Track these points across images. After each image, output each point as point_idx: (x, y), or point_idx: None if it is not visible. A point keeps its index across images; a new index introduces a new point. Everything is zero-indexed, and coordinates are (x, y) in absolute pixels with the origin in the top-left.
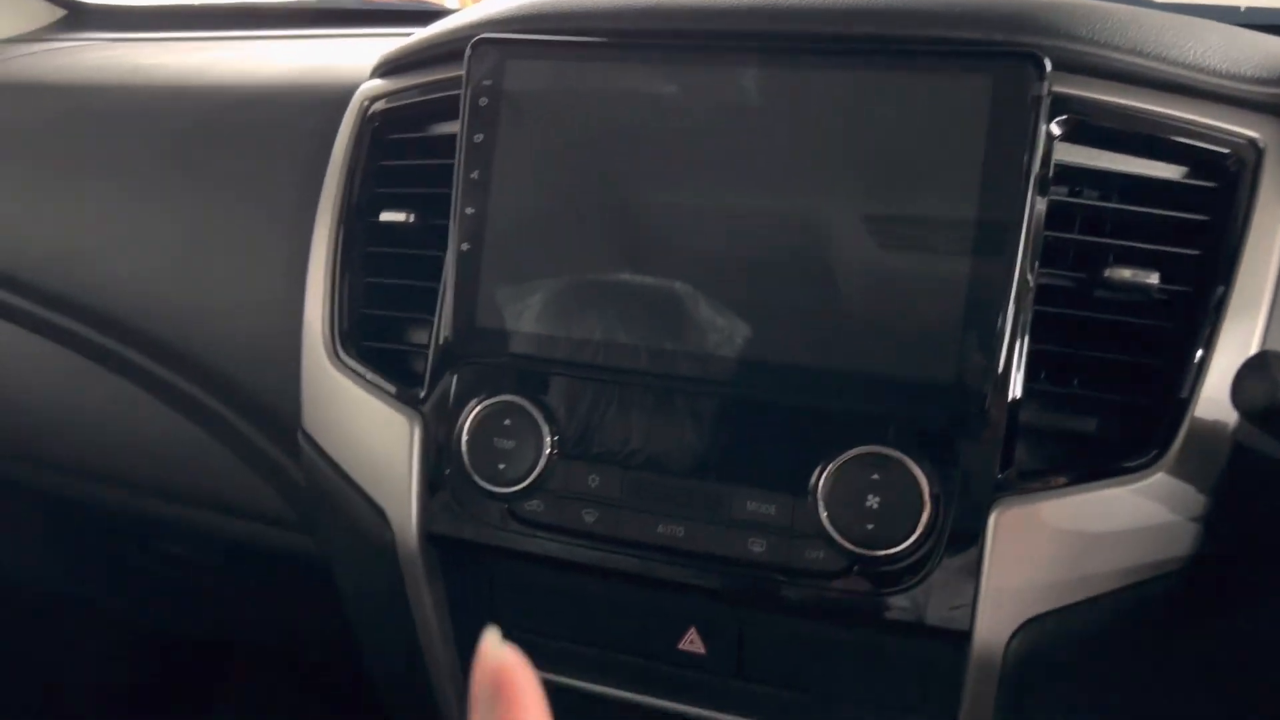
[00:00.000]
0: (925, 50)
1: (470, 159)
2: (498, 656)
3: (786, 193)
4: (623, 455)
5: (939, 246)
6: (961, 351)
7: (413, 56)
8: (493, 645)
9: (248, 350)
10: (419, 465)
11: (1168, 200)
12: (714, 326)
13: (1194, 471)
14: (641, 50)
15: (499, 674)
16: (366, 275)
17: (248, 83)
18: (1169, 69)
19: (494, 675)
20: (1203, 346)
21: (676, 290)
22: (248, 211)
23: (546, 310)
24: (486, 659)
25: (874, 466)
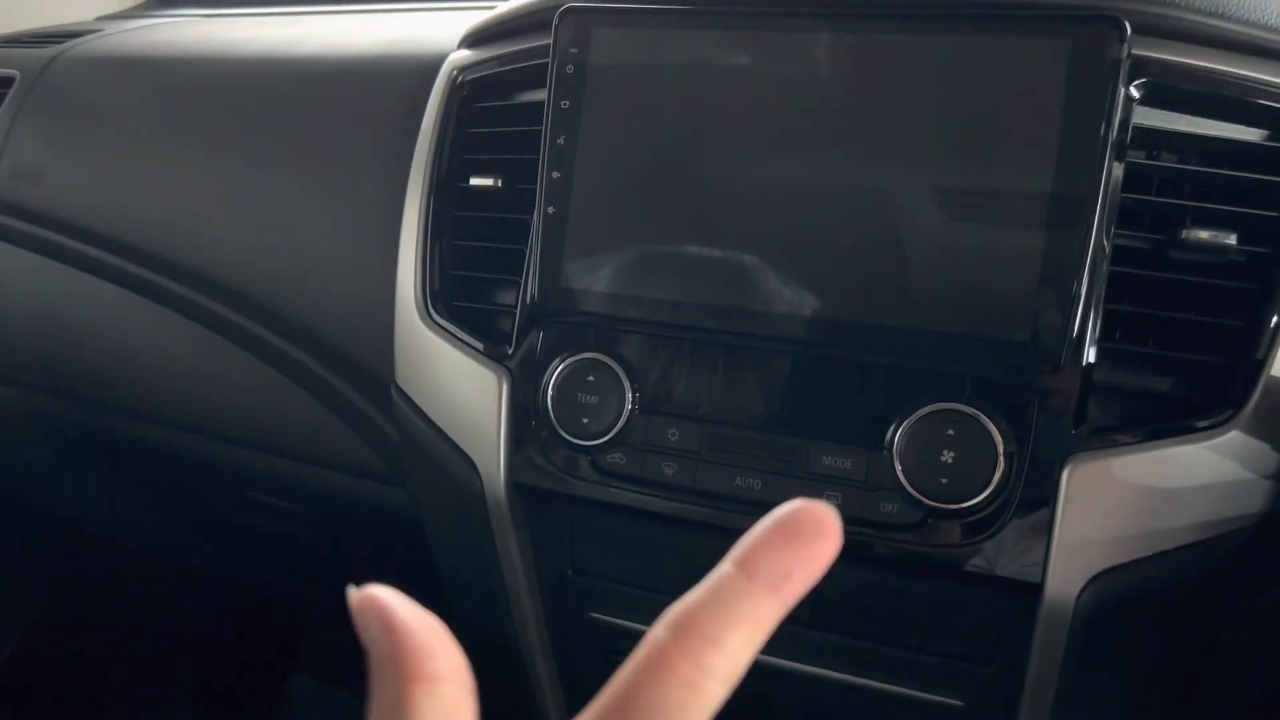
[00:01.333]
0: (1003, 14)
1: (556, 125)
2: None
3: (865, 158)
4: (702, 411)
5: (1016, 209)
6: (1037, 311)
7: (500, 27)
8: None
9: (342, 310)
10: (506, 418)
11: (1246, 162)
12: (792, 288)
13: (1268, 430)
14: (724, 17)
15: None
16: (456, 238)
17: (338, 55)
18: (1249, 30)
19: (379, 613)
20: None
21: (756, 253)
22: (341, 178)
23: (629, 271)
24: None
25: (949, 423)
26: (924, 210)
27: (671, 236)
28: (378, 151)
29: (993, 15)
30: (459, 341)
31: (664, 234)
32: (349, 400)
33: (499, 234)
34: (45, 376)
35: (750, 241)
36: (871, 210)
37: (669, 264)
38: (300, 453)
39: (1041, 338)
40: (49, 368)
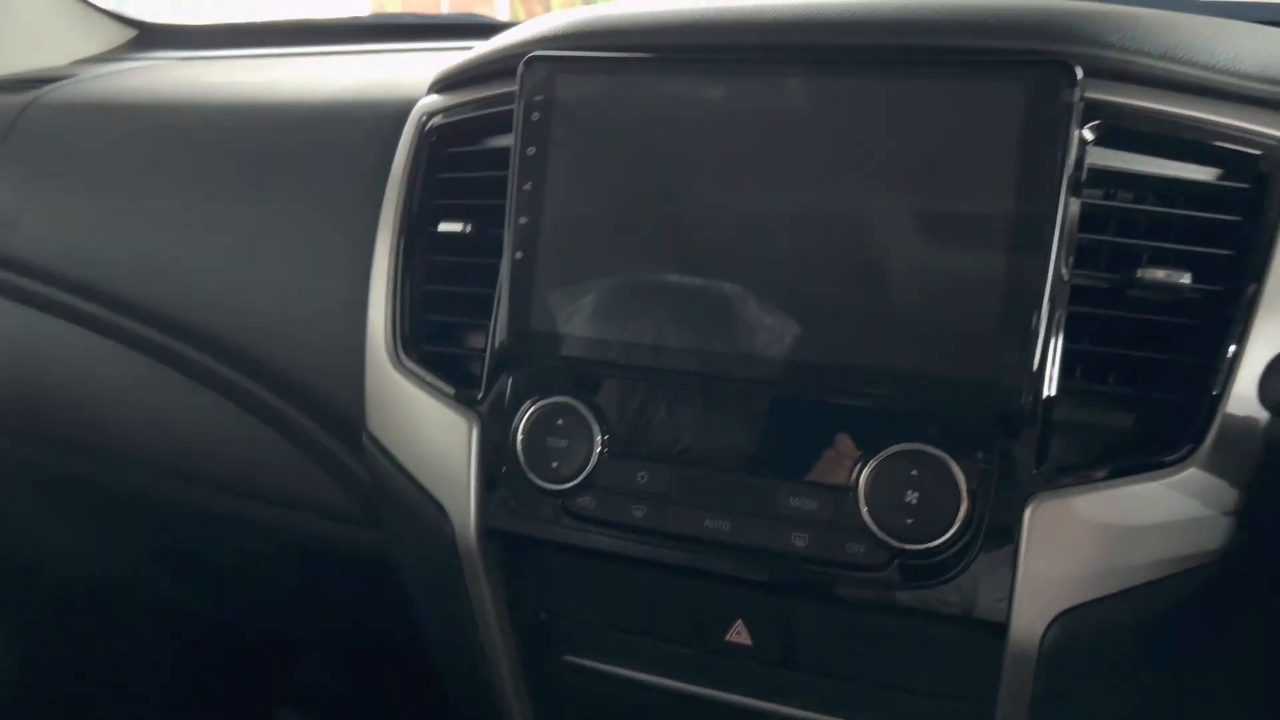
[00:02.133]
0: (959, 60)
1: (523, 171)
2: None
3: (828, 199)
4: (670, 453)
5: (976, 250)
6: (998, 350)
7: (468, 73)
8: None
9: (314, 354)
10: (477, 463)
11: (1200, 202)
12: (757, 328)
13: (1226, 466)
14: (687, 65)
15: None
16: (426, 283)
17: (310, 99)
18: (1200, 73)
19: None
20: (1234, 344)
21: (721, 294)
22: (313, 223)
23: (596, 314)
24: None
25: (913, 463)
26: (886, 251)
27: (638, 280)
28: (349, 196)
29: (949, 62)
30: (429, 386)
31: (630, 278)
32: (322, 444)
33: (469, 278)
34: (18, 420)
35: (715, 284)
36: (835, 252)
37: (636, 307)
38: (275, 496)
39: (1002, 377)
40: (23, 412)
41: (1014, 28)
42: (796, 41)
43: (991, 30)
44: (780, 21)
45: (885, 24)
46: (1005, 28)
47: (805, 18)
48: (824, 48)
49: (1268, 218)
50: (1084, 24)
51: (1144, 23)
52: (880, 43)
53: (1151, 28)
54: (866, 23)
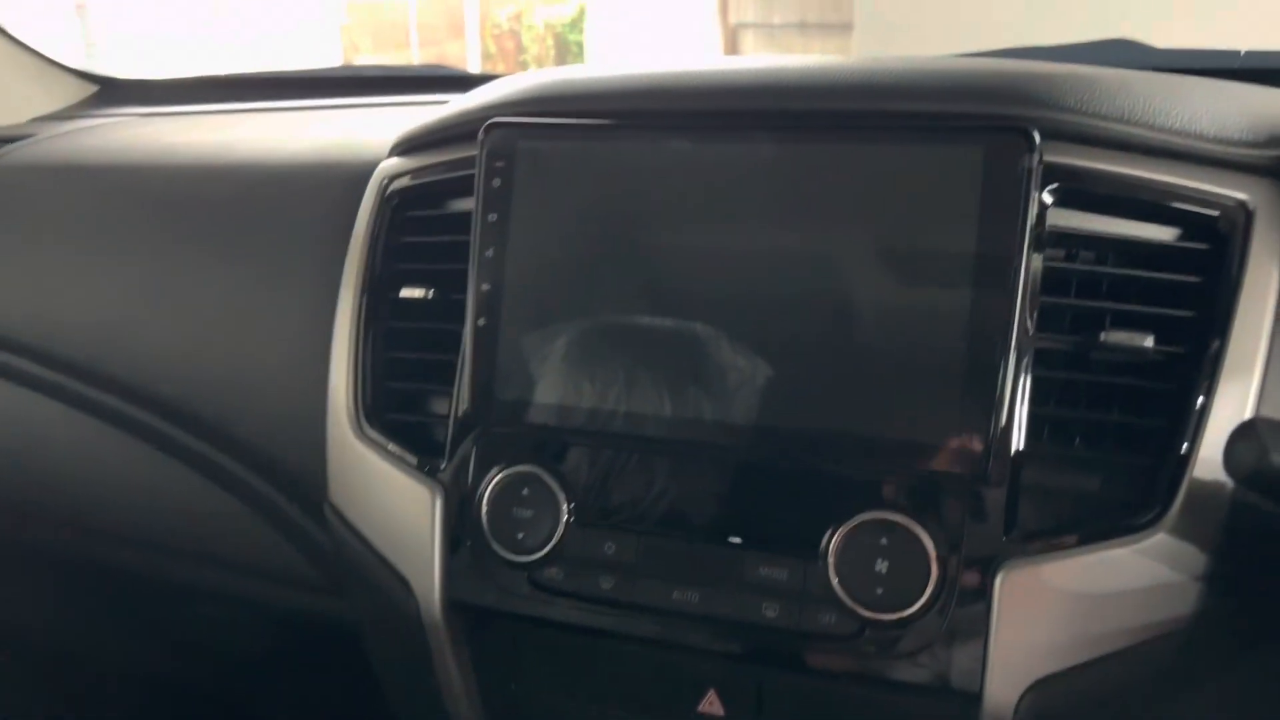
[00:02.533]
0: (918, 126)
1: (484, 238)
2: None
3: (792, 266)
4: (637, 522)
5: (938, 314)
6: (964, 415)
7: (430, 136)
8: None
9: (275, 422)
10: (440, 535)
11: (1161, 263)
12: (723, 394)
13: (1195, 530)
14: (648, 130)
15: None
16: (388, 349)
17: (271, 160)
18: (1156, 135)
19: None
20: (1199, 406)
21: (685, 358)
22: (274, 287)
23: (560, 382)
24: None
25: (882, 531)
26: (850, 319)
27: (601, 347)
28: (310, 260)
29: (910, 128)
30: (391, 456)
31: (594, 345)
32: (284, 513)
33: (432, 345)
34: None
35: (681, 351)
36: (800, 319)
37: (600, 374)
38: (239, 564)
39: (968, 442)
40: None
41: (972, 92)
42: (759, 107)
43: (950, 95)
44: (743, 87)
45: (846, 89)
46: (964, 92)
47: (768, 83)
48: (787, 113)
49: (1228, 278)
50: (1042, 88)
51: (1100, 85)
52: (841, 108)
53: (1108, 89)
54: (828, 88)
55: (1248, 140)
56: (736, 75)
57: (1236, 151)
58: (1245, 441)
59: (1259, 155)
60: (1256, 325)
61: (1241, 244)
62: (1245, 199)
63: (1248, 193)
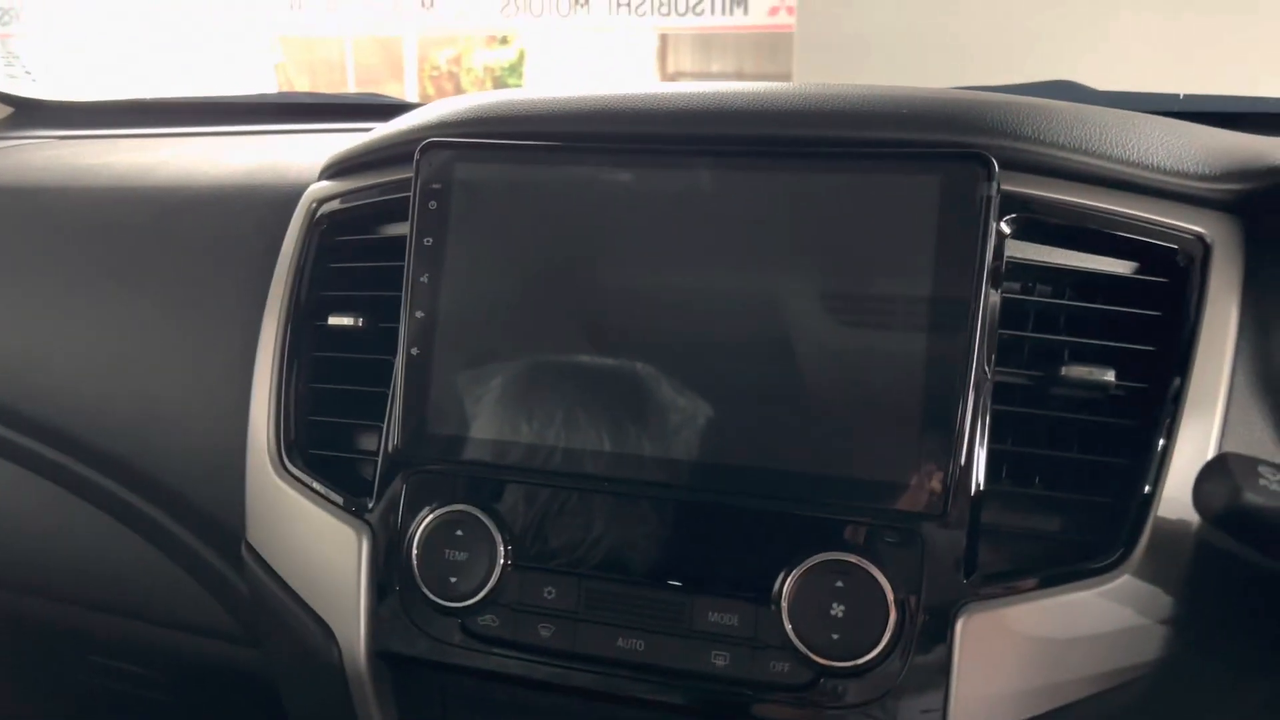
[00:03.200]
0: (874, 152)
1: (419, 262)
2: None
3: (739, 295)
4: (579, 564)
5: (894, 348)
6: (921, 453)
7: (361, 158)
8: None
9: (192, 459)
10: (367, 579)
11: (1120, 296)
12: (668, 429)
13: (1160, 572)
14: (593, 154)
15: None
16: (314, 381)
17: (194, 184)
18: (1114, 166)
19: None
20: (1162, 443)
21: (629, 393)
22: (192, 316)
23: (497, 415)
24: None
25: (837, 573)
26: (803, 351)
27: (541, 379)
28: (232, 287)
29: (864, 154)
30: (315, 494)
31: (533, 377)
32: (199, 557)
33: (360, 376)
34: None
35: (623, 383)
36: (748, 350)
37: (539, 408)
38: (147, 613)
39: (926, 480)
40: None
41: (930, 120)
42: (709, 132)
43: (906, 122)
44: (693, 111)
45: (799, 115)
46: (921, 120)
47: (718, 107)
48: (738, 138)
49: (1187, 313)
50: (999, 116)
51: (1057, 116)
52: (793, 134)
53: (1065, 120)
54: (780, 113)
55: (1204, 174)
56: (686, 99)
57: (1193, 185)
58: (1216, 479)
59: (1216, 189)
60: (1218, 360)
61: (1200, 278)
62: (1203, 232)
63: (1205, 226)
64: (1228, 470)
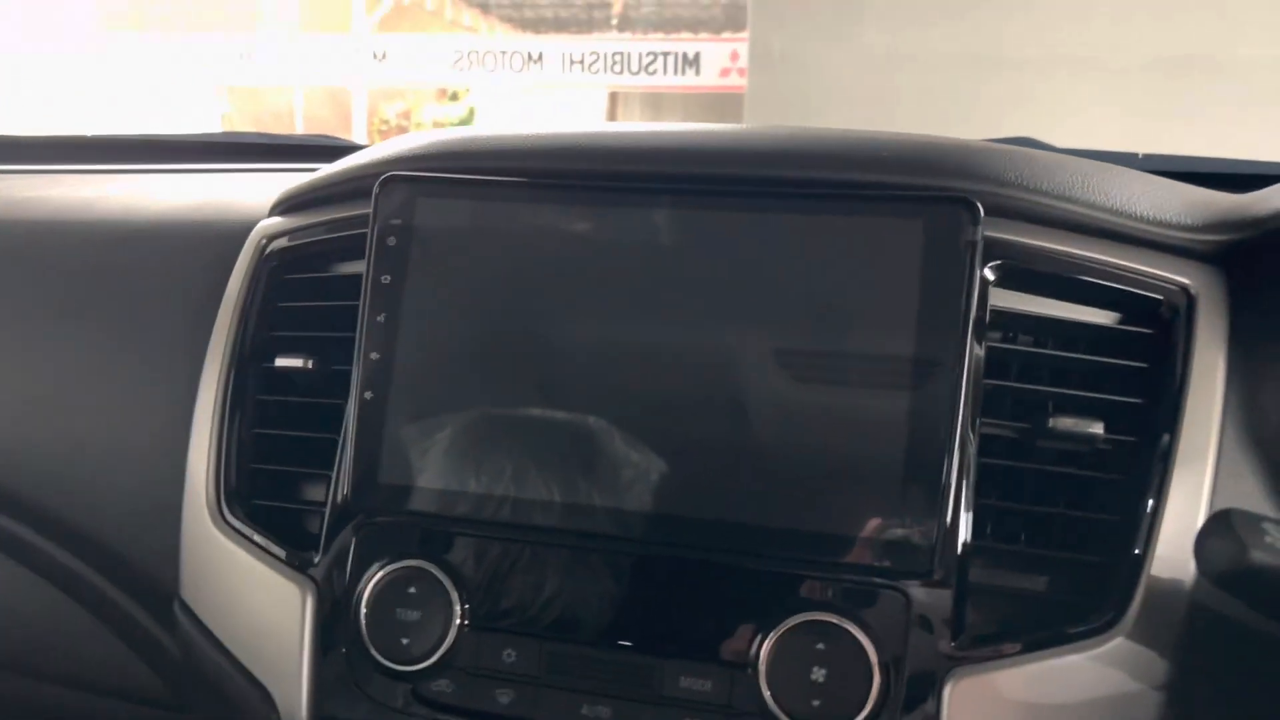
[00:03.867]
0: (855, 195)
1: (376, 300)
2: None
3: (712, 340)
4: (541, 625)
5: (877, 397)
6: (905, 507)
7: (316, 193)
8: None
9: (124, 510)
10: (311, 639)
11: (1105, 347)
12: (639, 481)
13: (1154, 635)
14: (560, 191)
15: None
16: (258, 426)
17: (136, 218)
18: (1098, 214)
19: None
20: (1153, 499)
21: (597, 443)
22: (130, 357)
23: (456, 464)
24: None
25: (818, 635)
26: (779, 399)
27: (499, 427)
28: (173, 326)
29: (845, 196)
30: (256, 547)
31: (491, 424)
32: (126, 614)
33: (307, 421)
34: None
35: (589, 432)
36: (722, 398)
37: (500, 457)
38: (67, 676)
39: (911, 537)
40: None
41: (911, 164)
42: (684, 171)
43: (889, 165)
44: (668, 150)
45: (776, 156)
46: (902, 163)
47: (695, 147)
48: (715, 179)
49: (1175, 365)
50: (982, 161)
51: (1039, 162)
52: (771, 175)
53: (1047, 167)
54: (758, 154)
55: (1186, 225)
56: (660, 137)
57: (1177, 235)
58: (1220, 536)
59: (1199, 240)
60: (1207, 414)
61: (1186, 329)
62: (1188, 283)
63: (1189, 277)
64: (1232, 527)
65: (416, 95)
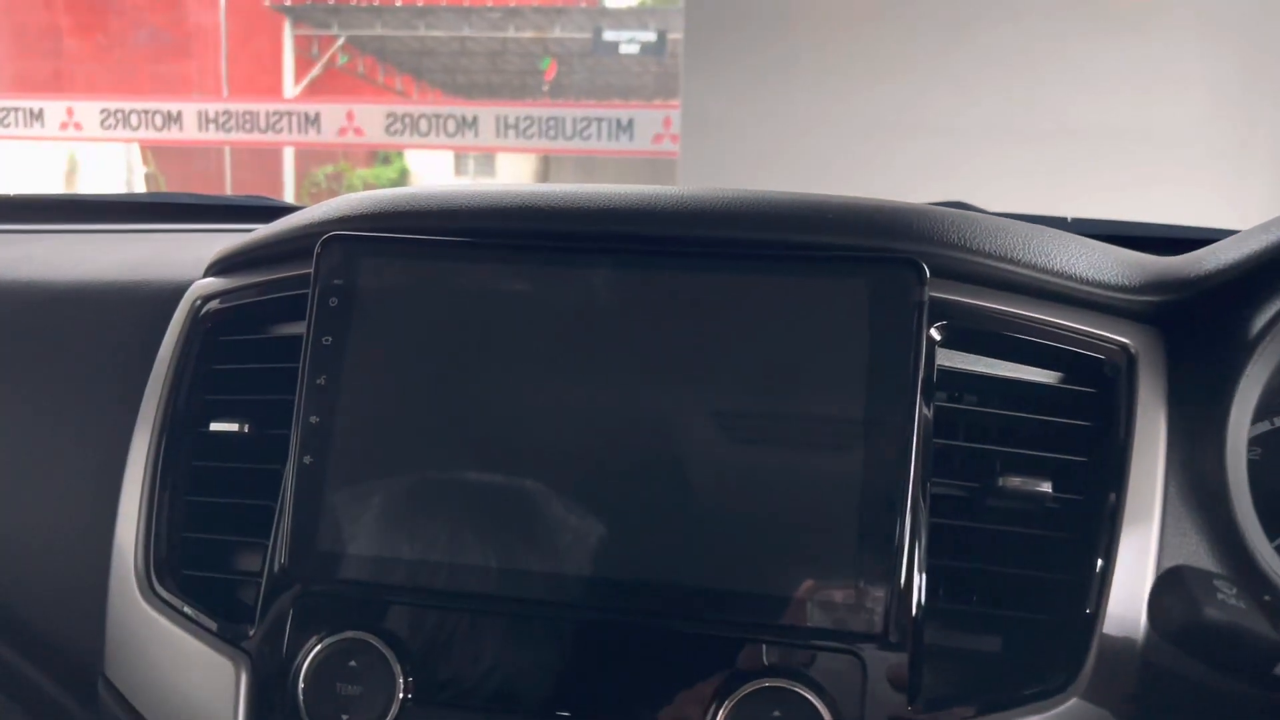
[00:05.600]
0: (801, 256)
1: (317, 362)
2: None
3: (657, 403)
4: (486, 697)
5: (826, 459)
6: (859, 570)
7: (253, 253)
8: None
9: (43, 582)
10: (245, 716)
11: (1049, 406)
12: (582, 546)
13: (1107, 694)
14: (504, 250)
15: None
16: (191, 493)
17: (63, 279)
18: (1039, 275)
19: None
20: (1103, 557)
21: (545, 509)
22: (53, 421)
23: (395, 530)
24: None
25: (773, 702)
26: (728, 461)
27: (443, 490)
28: (101, 390)
29: (790, 257)
30: (186, 620)
31: (435, 487)
32: (43, 692)
33: (243, 488)
34: None
35: (539, 503)
36: (669, 463)
37: (445, 525)
38: None
39: (864, 599)
40: None
41: (856, 225)
42: (631, 231)
43: (834, 227)
44: (613, 209)
45: (721, 217)
46: (848, 225)
47: (641, 207)
48: (661, 240)
49: (1118, 423)
50: (925, 223)
51: (981, 225)
52: (716, 236)
53: (988, 230)
54: (703, 215)
55: (1123, 285)
56: (607, 197)
57: (1115, 296)
58: (1173, 594)
59: (1136, 300)
60: (1150, 472)
61: (1127, 388)
62: (1127, 342)
63: (1129, 337)
64: (1184, 585)
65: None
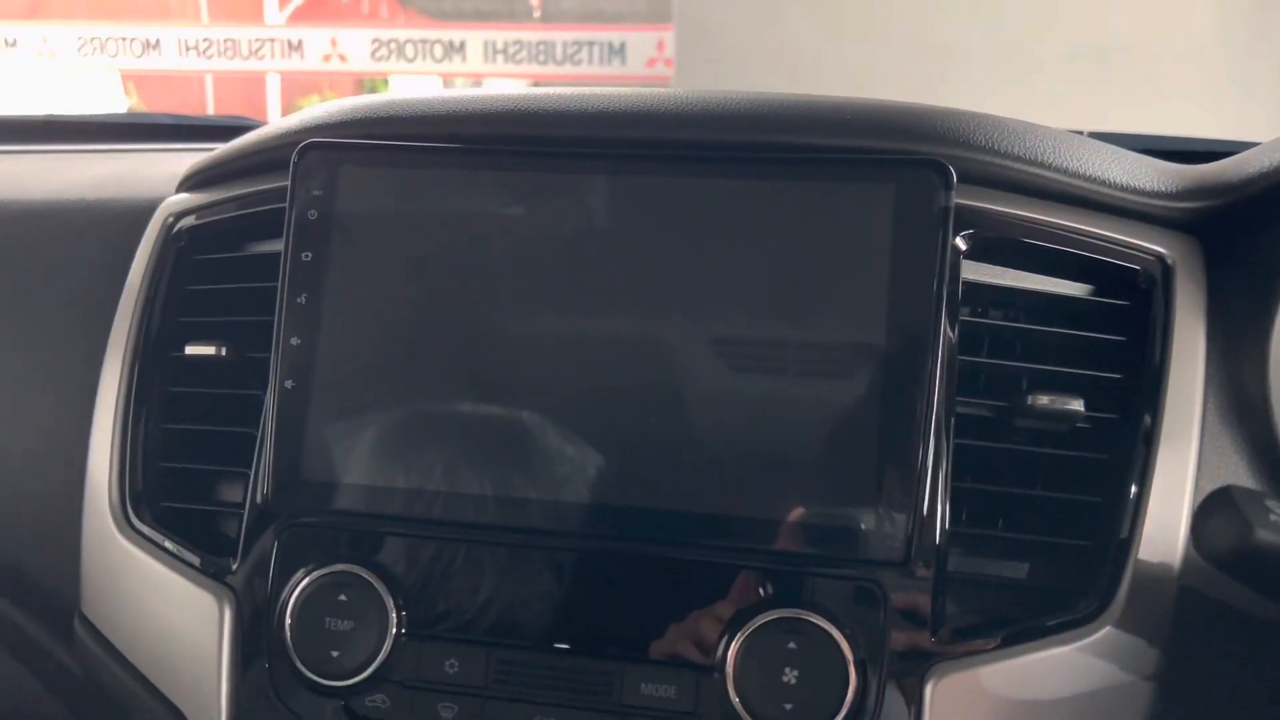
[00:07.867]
0: (817, 159)
1: (296, 281)
2: None
3: (663, 322)
4: (487, 631)
5: (845, 376)
6: (879, 495)
7: (227, 166)
8: None
9: (16, 520)
10: (229, 654)
11: (1080, 320)
12: (586, 470)
13: (1142, 623)
14: (494, 156)
15: None
16: (167, 421)
17: (27, 198)
18: (1070, 181)
19: None
20: (1138, 479)
21: (540, 431)
22: (22, 348)
23: (387, 458)
24: None
25: (790, 633)
26: (739, 382)
27: (432, 416)
28: (71, 315)
29: (809, 160)
30: (166, 553)
31: (423, 414)
32: (22, 631)
33: (222, 414)
34: None
35: (534, 421)
36: (677, 380)
37: (435, 447)
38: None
39: (884, 525)
40: None
41: (878, 127)
42: (636, 136)
43: (855, 129)
44: (615, 113)
45: (734, 120)
46: (869, 126)
47: (645, 111)
48: (668, 143)
49: (1154, 338)
50: (951, 124)
51: (1009, 127)
52: (729, 139)
53: (1017, 132)
54: (713, 118)
55: (1161, 192)
56: (605, 100)
57: (1151, 203)
58: (1222, 516)
59: (1174, 207)
60: (1189, 390)
61: (1164, 301)
62: (1163, 252)
63: (1165, 246)
64: (1234, 506)
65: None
